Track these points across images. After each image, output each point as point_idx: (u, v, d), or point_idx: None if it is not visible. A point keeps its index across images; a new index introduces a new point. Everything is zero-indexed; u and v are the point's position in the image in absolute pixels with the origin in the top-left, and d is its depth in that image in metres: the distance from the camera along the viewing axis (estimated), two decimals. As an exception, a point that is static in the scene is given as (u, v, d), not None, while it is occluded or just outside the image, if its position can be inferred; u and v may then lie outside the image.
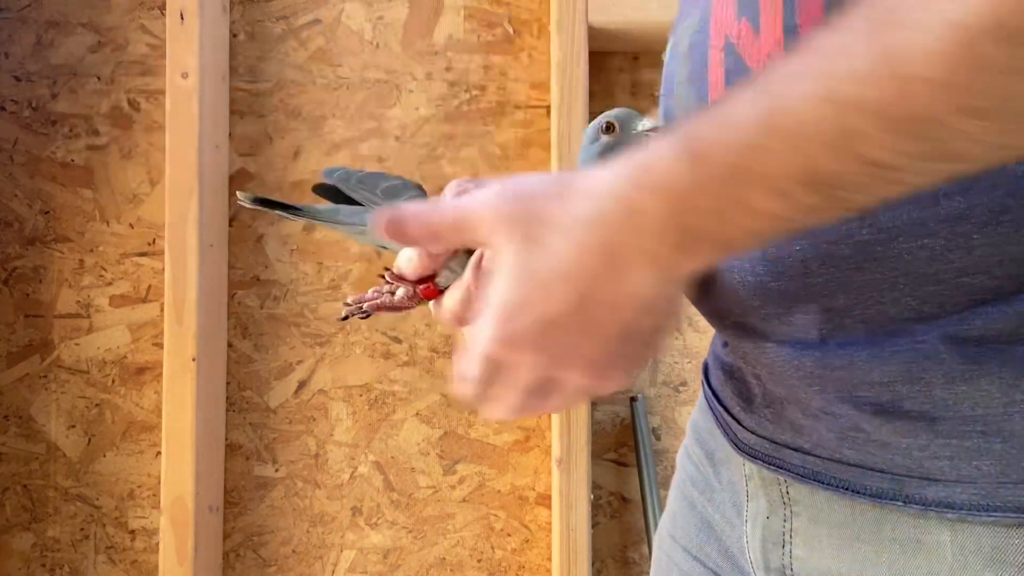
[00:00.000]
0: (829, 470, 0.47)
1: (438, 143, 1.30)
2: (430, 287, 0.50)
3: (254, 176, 1.31)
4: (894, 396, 0.43)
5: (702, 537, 0.61)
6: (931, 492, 0.43)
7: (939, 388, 0.42)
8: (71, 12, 1.32)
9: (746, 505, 0.54)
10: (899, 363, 0.43)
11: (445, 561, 1.29)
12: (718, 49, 0.47)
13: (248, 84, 1.31)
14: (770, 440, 0.50)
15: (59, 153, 1.31)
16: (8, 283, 1.31)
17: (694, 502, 0.63)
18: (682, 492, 0.65)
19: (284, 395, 1.30)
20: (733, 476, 0.57)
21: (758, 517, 0.52)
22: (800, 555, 0.50)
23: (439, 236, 0.43)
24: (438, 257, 0.49)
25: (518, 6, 1.31)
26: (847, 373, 0.44)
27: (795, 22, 0.42)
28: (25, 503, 1.30)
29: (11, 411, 1.30)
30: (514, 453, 1.29)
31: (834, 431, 0.46)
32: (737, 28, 0.46)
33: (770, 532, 0.52)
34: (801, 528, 0.50)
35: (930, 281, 0.41)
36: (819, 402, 0.46)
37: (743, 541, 0.55)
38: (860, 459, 0.45)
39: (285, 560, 1.29)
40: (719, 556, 0.59)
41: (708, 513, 0.61)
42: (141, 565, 1.30)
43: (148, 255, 1.31)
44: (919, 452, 0.43)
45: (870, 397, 0.44)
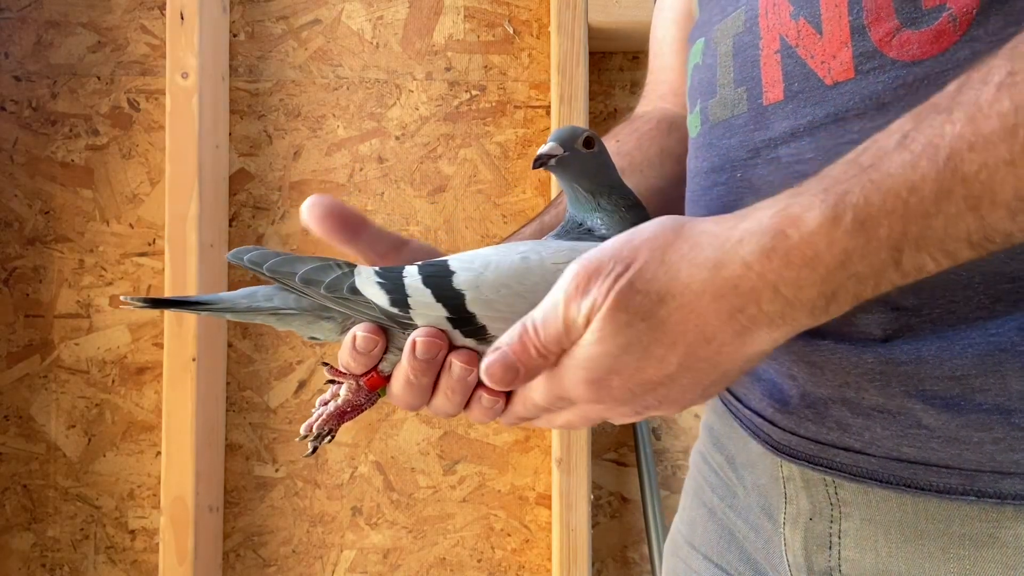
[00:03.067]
0: (886, 468, 0.46)
1: (438, 143, 1.30)
2: (373, 376, 0.47)
3: (254, 176, 1.31)
4: (965, 390, 0.42)
5: (723, 544, 0.60)
6: (1007, 486, 0.42)
7: (1015, 380, 0.41)
8: (71, 12, 1.32)
9: (783, 508, 0.52)
10: (972, 356, 0.42)
11: (445, 561, 1.29)
12: (772, 50, 0.46)
13: (248, 84, 1.31)
14: (814, 440, 0.49)
15: (59, 153, 1.31)
16: (8, 283, 1.31)
17: (714, 509, 0.61)
18: (700, 499, 0.64)
19: (284, 395, 1.30)
20: (760, 479, 0.56)
21: (799, 519, 0.51)
22: (851, 556, 0.49)
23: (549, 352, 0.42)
24: (376, 349, 0.47)
25: (518, 6, 1.31)
26: (915, 368, 0.43)
27: (863, 22, 0.42)
28: (25, 503, 1.30)
29: (11, 411, 1.30)
30: (514, 453, 1.29)
31: (891, 429, 0.45)
32: (795, 28, 0.45)
33: (813, 534, 0.50)
34: (852, 529, 0.48)
35: (1005, 279, 0.41)
36: (878, 399, 0.45)
37: (773, 545, 0.54)
38: (922, 456, 0.44)
39: (285, 560, 1.29)
40: (741, 563, 0.58)
41: (729, 520, 0.59)
42: (141, 565, 1.30)
43: (148, 255, 1.30)
44: (992, 446, 0.42)
45: (939, 391, 0.43)
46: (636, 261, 0.39)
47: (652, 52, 0.76)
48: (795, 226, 0.35)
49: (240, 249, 0.48)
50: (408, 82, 1.31)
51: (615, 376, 0.40)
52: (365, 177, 1.31)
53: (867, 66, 0.42)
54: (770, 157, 0.47)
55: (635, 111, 0.75)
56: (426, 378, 0.45)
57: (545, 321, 0.41)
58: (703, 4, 0.56)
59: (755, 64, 0.48)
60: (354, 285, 0.46)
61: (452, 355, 0.45)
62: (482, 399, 0.45)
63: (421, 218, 1.30)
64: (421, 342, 0.44)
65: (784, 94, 0.46)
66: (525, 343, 0.41)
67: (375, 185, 1.30)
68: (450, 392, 0.45)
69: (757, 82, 0.47)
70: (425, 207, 1.30)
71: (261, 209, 1.31)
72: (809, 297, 0.36)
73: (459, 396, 0.45)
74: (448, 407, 0.46)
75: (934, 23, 0.40)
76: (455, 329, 0.45)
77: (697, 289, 0.37)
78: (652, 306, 0.38)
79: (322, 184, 1.30)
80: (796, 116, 0.45)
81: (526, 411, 0.45)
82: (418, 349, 0.44)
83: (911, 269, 0.35)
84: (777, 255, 0.35)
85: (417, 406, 0.47)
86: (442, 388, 0.45)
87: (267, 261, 0.47)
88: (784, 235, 0.35)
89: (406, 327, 0.46)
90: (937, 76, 0.40)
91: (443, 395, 0.46)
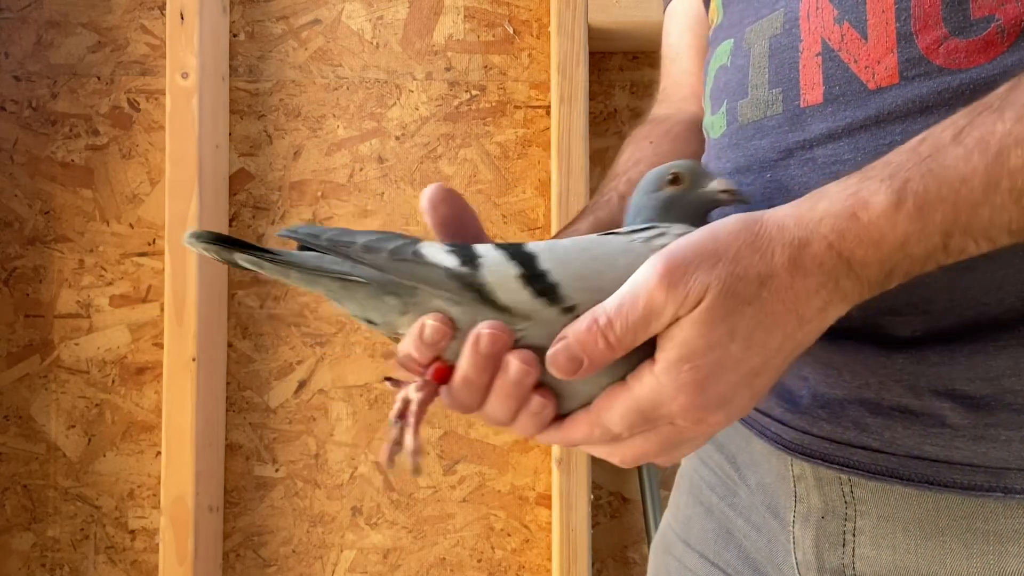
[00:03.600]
0: (907, 467, 0.46)
1: (438, 143, 1.30)
2: (440, 368, 0.44)
3: (254, 176, 1.31)
4: (997, 390, 0.43)
5: (720, 543, 0.60)
6: None
7: None
8: (71, 12, 1.32)
9: (793, 506, 0.52)
10: (1006, 357, 0.43)
11: (445, 561, 1.29)
12: (813, 53, 0.47)
13: (248, 84, 1.31)
14: (829, 440, 0.49)
15: (59, 153, 1.31)
16: (8, 283, 1.31)
17: (712, 507, 0.61)
18: (696, 497, 0.64)
19: (284, 395, 1.30)
20: (766, 478, 0.56)
21: (810, 518, 0.51)
22: (867, 554, 0.49)
23: (623, 343, 0.40)
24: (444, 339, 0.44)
25: (518, 6, 1.31)
26: (947, 369, 0.44)
27: (910, 29, 0.43)
28: (25, 503, 1.30)
29: (11, 411, 1.30)
30: (514, 453, 1.29)
31: (913, 428, 0.45)
32: (839, 33, 0.46)
33: (826, 533, 0.50)
34: (868, 527, 0.49)
35: None
36: (899, 399, 0.46)
37: (778, 544, 0.54)
38: (946, 455, 0.45)
39: (285, 560, 1.29)
40: (738, 562, 0.58)
41: (728, 518, 0.59)
42: (141, 565, 1.30)
43: (148, 255, 1.30)
44: (1020, 444, 0.43)
45: (969, 391, 0.44)
46: (728, 251, 0.38)
47: (668, 57, 0.77)
48: (865, 209, 0.37)
49: (293, 226, 0.45)
50: (408, 82, 1.31)
51: (720, 372, 0.39)
52: (365, 177, 1.31)
53: (912, 72, 0.43)
54: (805, 158, 0.47)
55: (654, 113, 0.75)
56: (486, 376, 0.43)
57: (621, 310, 0.39)
58: (728, 6, 0.56)
59: (793, 66, 0.48)
60: (418, 250, 0.44)
61: (511, 354, 0.42)
62: (531, 403, 0.43)
63: (421, 218, 1.30)
64: (486, 335, 0.42)
65: (824, 97, 0.47)
66: (593, 332, 0.40)
67: (375, 185, 1.30)
68: (504, 395, 0.43)
69: (794, 84, 0.48)
70: (425, 207, 1.30)
71: (261, 209, 1.31)
72: (873, 274, 0.38)
73: (513, 401, 0.43)
74: (501, 412, 0.44)
75: (982, 33, 0.42)
76: (526, 287, 0.42)
77: (790, 268, 0.38)
78: (756, 290, 0.38)
79: (322, 184, 1.30)
80: (835, 119, 0.46)
81: (592, 435, 0.43)
82: (482, 343, 0.42)
83: (956, 251, 0.38)
84: (851, 234, 0.37)
85: (472, 406, 0.45)
86: (496, 390, 0.43)
87: (324, 234, 0.45)
88: (856, 217, 0.37)
89: (473, 288, 0.43)
90: (983, 84, 0.41)
91: (496, 398, 0.43)
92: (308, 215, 1.30)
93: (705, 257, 0.38)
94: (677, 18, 0.76)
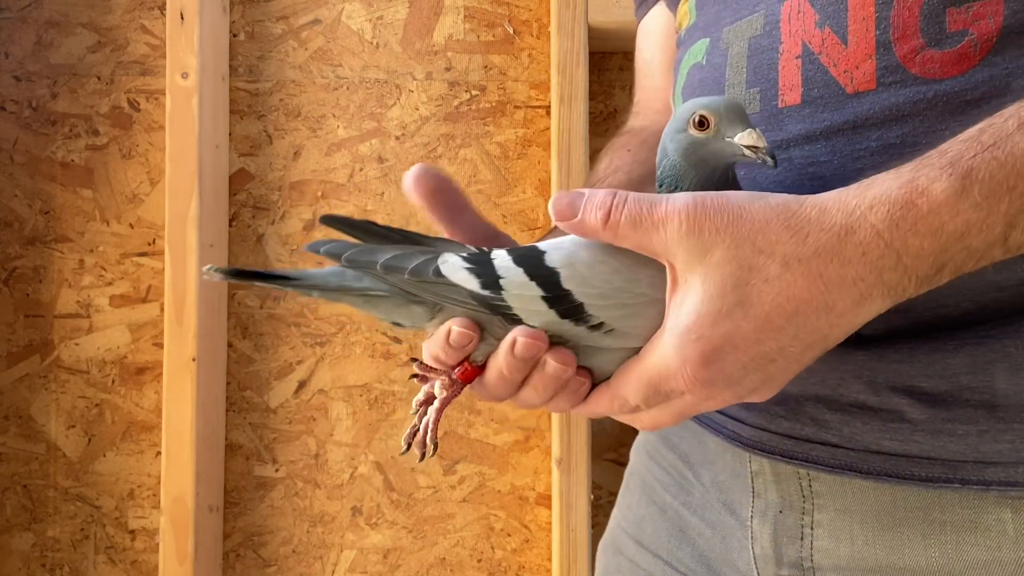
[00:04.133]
0: (866, 461, 0.47)
1: (438, 143, 1.30)
2: (467, 369, 0.45)
3: (254, 176, 1.31)
4: (954, 386, 0.44)
5: (674, 542, 0.60)
6: (991, 474, 0.44)
7: (1002, 379, 0.43)
8: (71, 12, 1.32)
9: (750, 502, 0.53)
10: (964, 356, 0.44)
11: (445, 561, 1.29)
12: (793, 55, 0.48)
13: (248, 84, 1.31)
14: (788, 436, 0.50)
15: (59, 153, 1.31)
16: (8, 283, 1.31)
17: (665, 507, 0.62)
18: (649, 497, 0.64)
19: (284, 395, 1.30)
20: (720, 475, 0.56)
21: (767, 513, 0.52)
22: (825, 546, 0.50)
23: (616, 228, 0.40)
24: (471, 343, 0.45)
25: (518, 6, 1.31)
26: (906, 366, 0.45)
27: (889, 38, 0.44)
28: (25, 503, 1.30)
29: (11, 411, 1.30)
30: (514, 453, 1.29)
31: (872, 424, 0.46)
32: (819, 37, 0.47)
33: (784, 527, 0.51)
34: (826, 520, 0.50)
35: (993, 288, 0.43)
36: (860, 396, 0.46)
37: (734, 540, 0.55)
38: (904, 449, 0.46)
39: (285, 560, 1.29)
40: (692, 560, 0.58)
41: (682, 517, 0.60)
42: (141, 565, 1.30)
43: (148, 255, 1.31)
44: (977, 438, 0.44)
45: (928, 388, 0.44)
46: (755, 220, 0.38)
47: (642, 72, 0.79)
48: (924, 196, 0.36)
49: (318, 241, 0.46)
50: (408, 82, 1.31)
51: (729, 348, 0.38)
52: (365, 177, 1.31)
53: (889, 79, 0.44)
54: (781, 158, 0.48)
55: (630, 124, 0.77)
56: (520, 374, 0.44)
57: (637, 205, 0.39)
58: (703, 7, 0.56)
59: (772, 67, 0.49)
60: (439, 270, 0.43)
61: (548, 354, 0.43)
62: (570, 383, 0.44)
63: (421, 218, 1.30)
64: (522, 343, 0.42)
65: (802, 98, 0.47)
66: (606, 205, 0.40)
67: (375, 185, 1.30)
68: (541, 388, 0.44)
69: (773, 84, 0.49)
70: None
71: (261, 209, 1.31)
72: (924, 267, 0.37)
73: (550, 392, 0.44)
74: (536, 400, 0.45)
75: (957, 45, 0.43)
76: (551, 309, 0.42)
77: (825, 254, 0.37)
78: (779, 269, 0.37)
79: (322, 184, 1.30)
80: (813, 120, 0.47)
81: (612, 407, 0.44)
82: (517, 349, 0.42)
83: (1015, 246, 0.37)
84: (906, 223, 0.36)
85: (504, 398, 0.46)
86: (533, 383, 0.44)
87: (345, 251, 0.45)
88: (914, 205, 0.36)
89: (498, 310, 0.43)
90: (955, 95, 0.42)
91: (533, 389, 0.44)
92: (308, 215, 1.30)
93: (732, 216, 0.37)
94: (650, 35, 0.77)
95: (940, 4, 0.43)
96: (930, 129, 0.43)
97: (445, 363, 0.46)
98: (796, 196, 0.39)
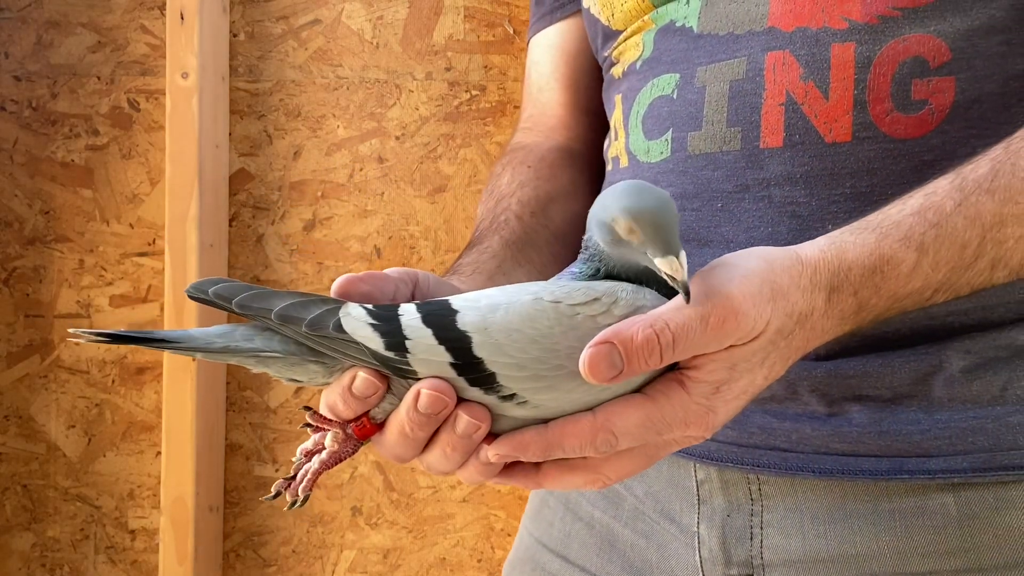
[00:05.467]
0: (816, 462, 0.51)
1: (438, 143, 1.30)
2: (365, 424, 0.42)
3: (254, 176, 1.31)
4: (897, 395, 0.50)
5: (604, 556, 0.61)
6: (933, 464, 0.49)
7: (940, 389, 0.49)
8: (71, 12, 1.32)
9: (695, 509, 0.56)
10: (909, 372, 0.50)
11: (445, 561, 1.29)
12: (777, 102, 0.53)
13: (248, 84, 1.31)
14: (736, 444, 0.54)
15: (59, 153, 1.31)
16: (8, 283, 1.31)
17: (592, 521, 0.63)
18: (575, 513, 0.64)
19: (284, 395, 1.30)
20: (654, 486, 0.59)
21: (714, 517, 0.55)
22: (775, 543, 0.53)
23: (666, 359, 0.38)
24: (374, 396, 0.42)
25: (518, 6, 1.31)
26: (859, 380, 0.50)
27: (865, 98, 0.51)
28: (25, 503, 1.30)
29: (11, 411, 1.30)
30: (514, 453, 1.29)
31: (822, 430, 0.51)
32: (803, 89, 0.53)
33: (732, 529, 0.54)
34: (775, 519, 0.53)
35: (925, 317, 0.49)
36: (812, 406, 0.51)
37: (672, 548, 0.57)
38: (852, 449, 0.50)
39: (285, 560, 1.29)
40: (623, 572, 0.60)
41: (611, 530, 0.61)
42: (141, 565, 1.30)
43: (148, 255, 1.31)
44: (919, 436, 0.49)
45: (876, 396, 0.50)
46: (783, 287, 0.41)
47: (536, 87, 0.82)
48: (890, 265, 0.43)
49: (203, 281, 0.42)
50: (408, 82, 1.31)
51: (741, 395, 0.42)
52: (365, 177, 1.31)
53: (863, 135, 0.51)
54: (760, 195, 0.53)
55: (520, 140, 0.79)
56: (424, 432, 0.41)
57: (687, 325, 0.37)
58: (662, 41, 0.60)
59: (755, 110, 0.54)
60: (340, 324, 0.40)
61: (460, 408, 0.40)
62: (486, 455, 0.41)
63: (421, 218, 1.30)
64: (426, 395, 0.39)
65: (784, 142, 0.53)
66: (651, 342, 0.37)
67: (375, 185, 1.30)
68: (450, 449, 0.41)
69: (755, 126, 0.54)
70: (425, 207, 1.30)
71: (261, 209, 1.31)
72: (872, 316, 0.45)
73: (459, 454, 0.41)
74: (444, 465, 0.42)
75: (919, 112, 0.51)
76: (459, 376, 0.40)
77: (823, 310, 0.43)
78: (793, 326, 0.42)
79: (322, 184, 1.30)
80: (793, 163, 0.52)
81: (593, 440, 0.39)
82: (421, 402, 0.40)
83: (929, 302, 0.46)
84: (870, 287, 0.43)
85: (408, 459, 0.43)
86: (441, 443, 0.41)
87: (237, 295, 0.41)
88: (880, 272, 0.43)
89: (402, 373, 0.41)
90: (915, 153, 0.51)
91: (440, 451, 0.41)
92: (308, 215, 1.30)
93: (772, 292, 0.40)
94: (546, 50, 0.81)
95: (908, 74, 0.50)
96: (895, 183, 0.50)
97: (341, 415, 0.43)
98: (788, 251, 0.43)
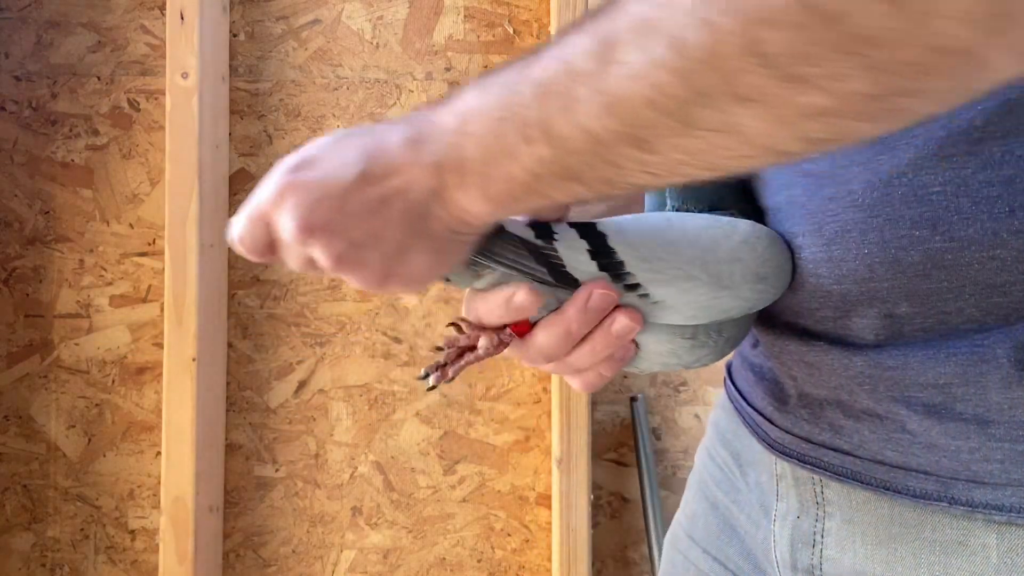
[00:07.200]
0: (870, 470, 0.47)
1: (438, 143, 1.30)
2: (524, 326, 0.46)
3: (254, 176, 1.31)
4: (947, 398, 0.44)
5: (723, 539, 0.60)
6: (979, 494, 0.43)
7: (995, 392, 0.43)
8: (71, 12, 1.32)
9: (775, 505, 0.54)
10: (956, 365, 0.44)
11: (445, 561, 1.29)
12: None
13: (248, 84, 1.31)
14: (807, 440, 0.51)
15: (59, 153, 1.31)
16: (8, 283, 1.31)
17: (717, 503, 0.62)
18: (703, 493, 0.65)
19: (284, 395, 1.30)
20: (761, 477, 0.57)
21: (787, 517, 0.53)
22: (832, 555, 0.50)
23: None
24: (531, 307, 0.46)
25: (518, 6, 1.31)
26: (900, 374, 0.45)
27: None
28: (25, 503, 1.30)
29: (11, 411, 1.30)
30: (514, 453, 1.29)
31: (878, 433, 0.47)
32: None
33: (800, 532, 0.52)
34: (834, 528, 0.50)
35: (997, 292, 0.42)
36: (866, 403, 0.47)
37: (769, 542, 0.55)
38: (903, 461, 0.46)
39: (285, 560, 1.29)
40: (740, 558, 0.59)
41: (732, 515, 0.60)
42: (141, 565, 1.30)
43: (148, 255, 1.30)
44: (968, 455, 0.44)
45: (922, 398, 0.45)
46: None
47: None
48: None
49: None
50: (408, 82, 1.31)
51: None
52: (365, 177, 1.31)
53: None
54: None
55: None
56: (585, 330, 0.45)
57: None
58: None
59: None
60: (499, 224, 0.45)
61: (620, 311, 0.45)
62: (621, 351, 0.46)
63: (421, 218, 1.30)
64: (598, 295, 0.44)
65: None
66: None
67: (375, 185, 1.31)
68: (601, 346, 0.45)
69: None
70: (425, 207, 1.30)
71: (261, 209, 1.31)
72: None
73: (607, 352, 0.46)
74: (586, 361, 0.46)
75: None
76: (592, 261, 0.44)
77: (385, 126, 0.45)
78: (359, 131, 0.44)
79: (322, 184, 1.31)
80: None
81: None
82: (592, 301, 0.44)
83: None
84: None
85: (555, 358, 0.47)
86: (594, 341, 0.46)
87: None
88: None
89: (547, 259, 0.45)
90: None
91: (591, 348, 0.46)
92: (308, 215, 1.30)
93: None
94: None
95: None
96: None
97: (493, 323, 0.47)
98: None
